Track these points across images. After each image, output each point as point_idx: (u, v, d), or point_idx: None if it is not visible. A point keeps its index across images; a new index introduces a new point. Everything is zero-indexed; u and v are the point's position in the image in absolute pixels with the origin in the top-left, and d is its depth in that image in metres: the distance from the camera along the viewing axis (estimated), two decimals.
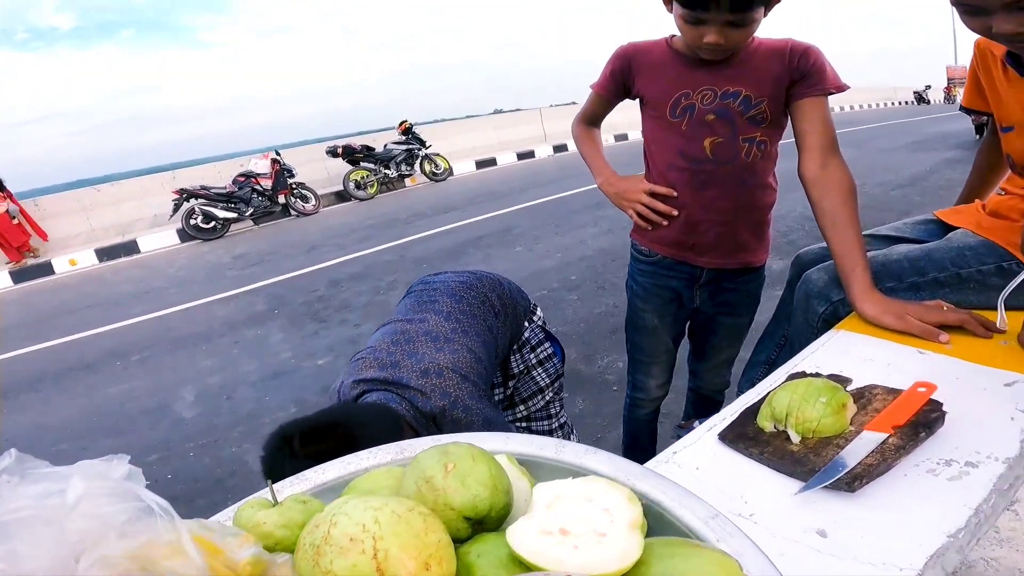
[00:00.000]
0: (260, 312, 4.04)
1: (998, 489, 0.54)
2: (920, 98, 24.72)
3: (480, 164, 10.74)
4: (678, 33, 1.12)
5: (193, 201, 7.35)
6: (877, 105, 24.12)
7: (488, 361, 1.05)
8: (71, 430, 2.70)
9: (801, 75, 1.05)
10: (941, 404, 0.60)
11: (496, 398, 1.25)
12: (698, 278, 1.25)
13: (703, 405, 1.58)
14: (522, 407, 1.29)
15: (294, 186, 8.21)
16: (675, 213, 1.17)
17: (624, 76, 1.19)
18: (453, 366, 0.96)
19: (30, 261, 7.28)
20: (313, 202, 8.35)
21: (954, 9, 0.82)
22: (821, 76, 1.04)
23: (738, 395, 1.11)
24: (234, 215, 7.61)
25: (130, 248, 7.53)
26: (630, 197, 1.22)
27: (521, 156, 11.29)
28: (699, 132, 1.11)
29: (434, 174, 9.54)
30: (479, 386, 0.98)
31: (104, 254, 7.39)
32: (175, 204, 7.29)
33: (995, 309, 0.90)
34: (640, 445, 1.55)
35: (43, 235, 7.67)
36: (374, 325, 3.38)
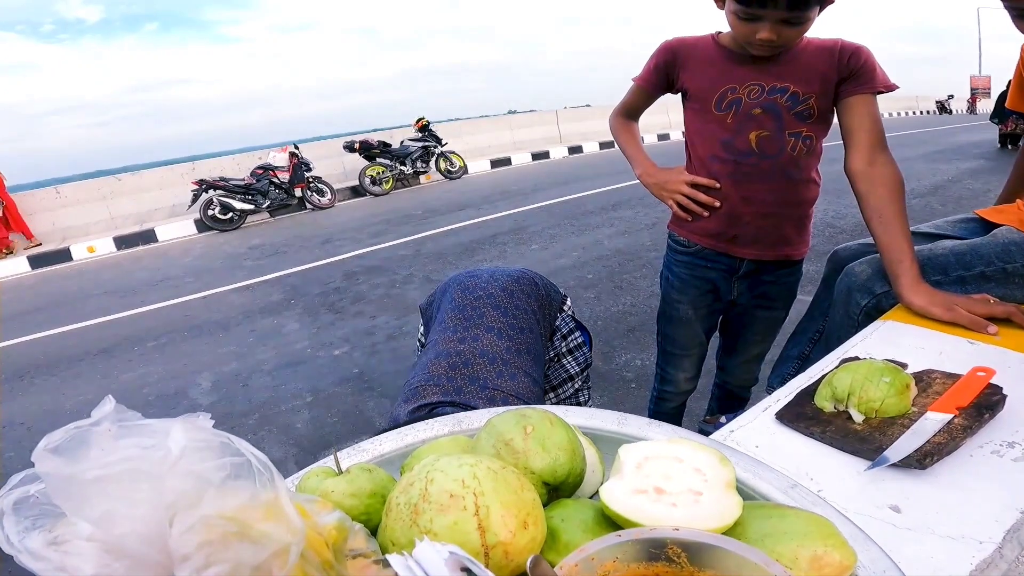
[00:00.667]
0: (276, 302, 4.07)
1: None
2: (943, 108, 24.47)
3: (495, 163, 10.75)
4: (724, 29, 1.13)
5: (212, 192, 7.40)
6: (900, 114, 23.85)
7: (540, 378, 1.05)
8: (87, 414, 2.75)
9: (850, 73, 1.05)
10: (1001, 388, 0.60)
11: None
12: (737, 269, 1.25)
13: (729, 402, 1.58)
14: (552, 395, 1.29)
15: (311, 180, 8.26)
16: (717, 204, 1.18)
17: (669, 69, 1.19)
18: (516, 393, 0.95)
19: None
20: (329, 196, 8.39)
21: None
22: (871, 75, 1.04)
23: (768, 392, 1.10)
24: (251, 207, 7.66)
25: (148, 237, 7.60)
26: (671, 188, 1.22)
27: (536, 156, 11.29)
28: (745, 125, 1.11)
29: (449, 172, 9.57)
30: None
31: (122, 242, 7.46)
32: (194, 195, 7.35)
33: None
34: None
35: (29, 234, 7.57)
36: (390, 317, 3.43)
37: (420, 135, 9.41)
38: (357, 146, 8.93)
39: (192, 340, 3.52)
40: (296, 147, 8.40)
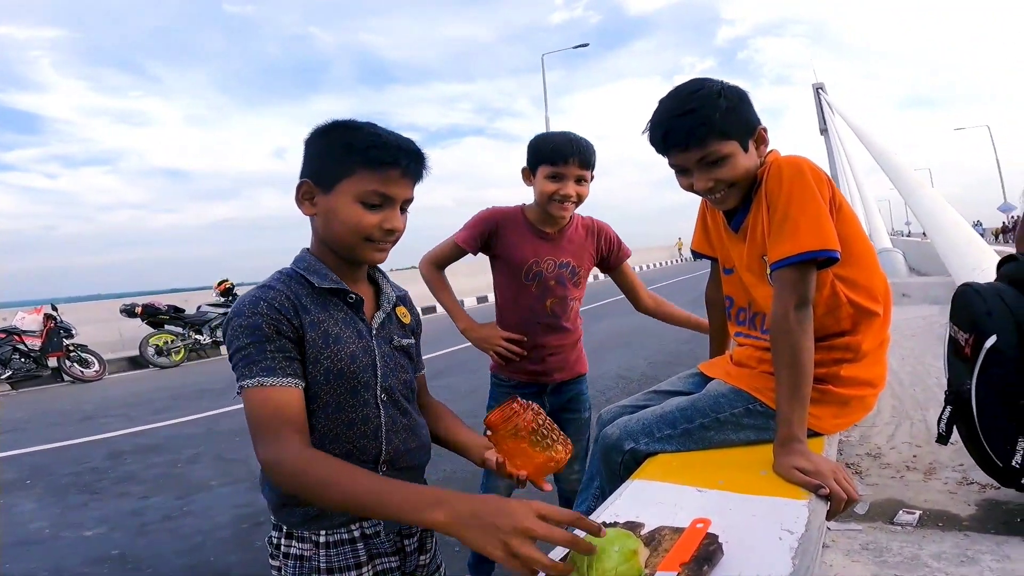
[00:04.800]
0: (6, 481, 3.39)
1: None
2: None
3: None
4: (528, 201, 1.52)
5: None
6: (667, 263, 28.07)
7: None
8: None
9: (608, 249, 1.56)
10: (717, 536, 0.68)
11: None
12: (545, 389, 1.58)
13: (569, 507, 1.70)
14: None
15: (71, 348, 7.00)
16: (525, 353, 1.51)
17: (489, 236, 1.52)
18: None
19: None
20: (96, 367, 7.12)
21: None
22: (621, 246, 1.61)
23: None
24: None
25: None
26: (491, 343, 1.52)
27: None
28: (544, 294, 1.50)
29: None
30: None
31: None
32: None
33: (751, 444, 1.06)
34: None
35: None
36: (168, 497, 3.00)
37: (222, 299, 8.64)
38: (139, 311, 7.73)
39: None
40: (54, 308, 7.19)
